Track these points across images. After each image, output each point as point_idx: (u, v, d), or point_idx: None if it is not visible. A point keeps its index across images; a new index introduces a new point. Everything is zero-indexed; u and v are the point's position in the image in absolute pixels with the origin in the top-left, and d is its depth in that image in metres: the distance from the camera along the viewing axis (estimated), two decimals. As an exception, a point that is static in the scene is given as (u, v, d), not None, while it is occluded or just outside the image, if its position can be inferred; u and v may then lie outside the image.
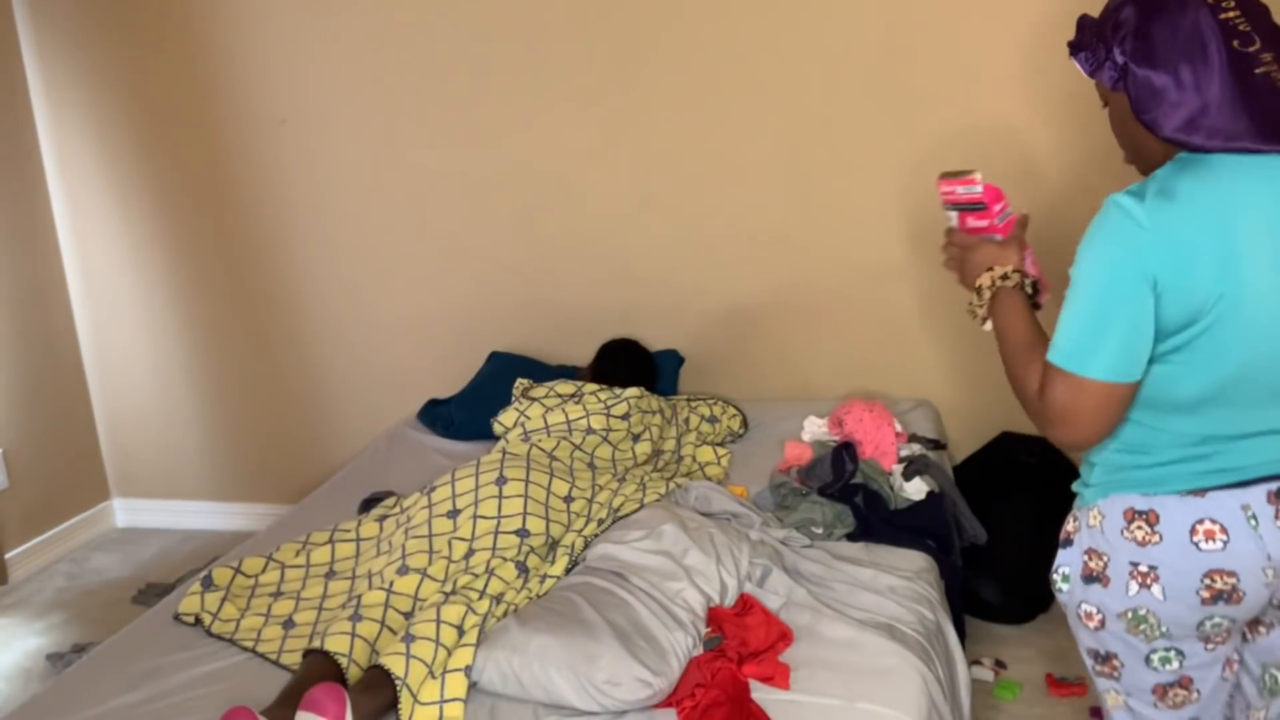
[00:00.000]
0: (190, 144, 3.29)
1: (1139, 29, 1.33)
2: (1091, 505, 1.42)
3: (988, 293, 1.49)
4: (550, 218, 3.09)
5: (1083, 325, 1.31)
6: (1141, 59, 1.33)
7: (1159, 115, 1.32)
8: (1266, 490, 1.33)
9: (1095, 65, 1.39)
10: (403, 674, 1.62)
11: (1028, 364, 1.39)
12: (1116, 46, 1.35)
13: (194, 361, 3.50)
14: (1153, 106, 1.32)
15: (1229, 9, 1.32)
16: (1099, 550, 1.40)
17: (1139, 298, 1.28)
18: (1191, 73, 1.30)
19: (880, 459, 2.40)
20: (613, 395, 2.57)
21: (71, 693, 1.78)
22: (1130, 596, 1.37)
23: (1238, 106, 1.28)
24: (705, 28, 2.84)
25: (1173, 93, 1.31)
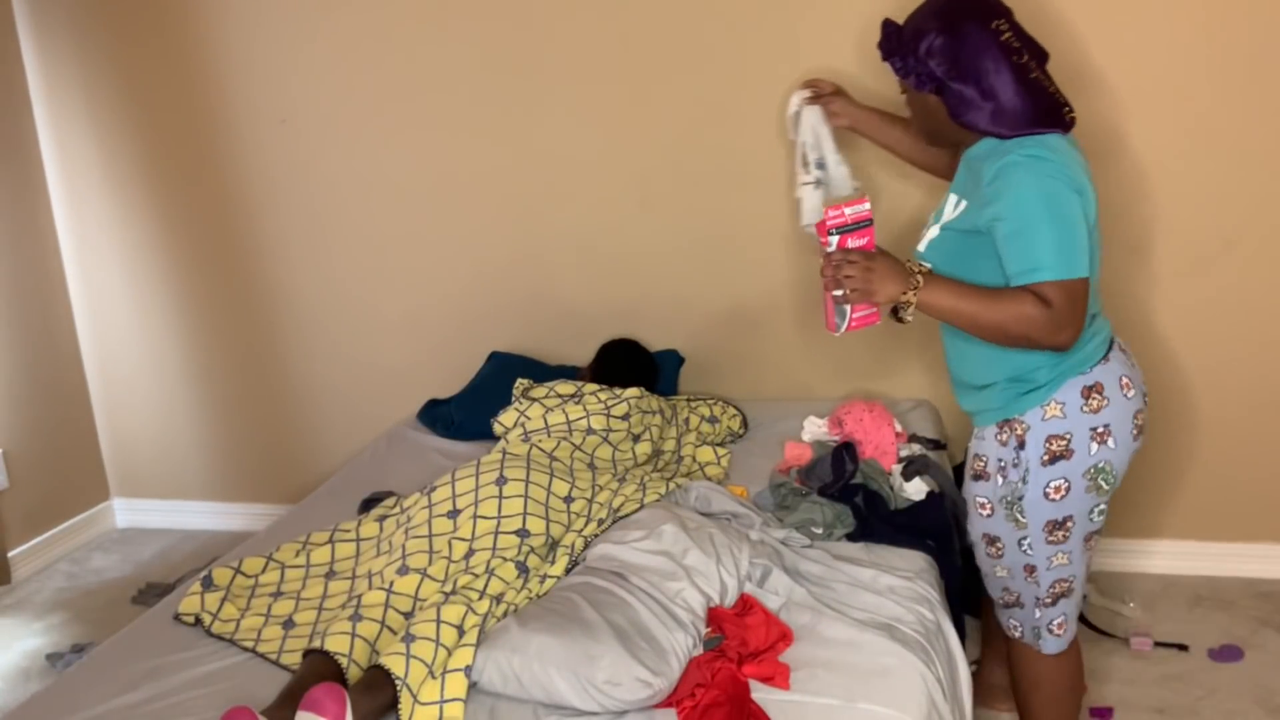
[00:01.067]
0: (190, 143, 3.29)
1: (949, 53, 1.74)
2: (1046, 401, 1.77)
3: (912, 293, 1.73)
4: (550, 217, 3.09)
5: (1057, 240, 1.66)
6: (955, 77, 1.75)
7: (972, 116, 1.76)
8: (1115, 341, 1.87)
9: (906, 72, 1.80)
10: (403, 674, 1.62)
11: (1004, 305, 1.69)
12: (932, 64, 1.75)
13: (194, 361, 3.50)
14: (965, 111, 1.77)
15: (1004, 30, 1.76)
16: (1059, 433, 1.77)
17: (1077, 207, 1.69)
18: (990, 83, 1.74)
19: (880, 459, 2.40)
20: (613, 395, 2.57)
21: (71, 693, 1.77)
22: (1092, 455, 1.78)
23: (1025, 103, 1.73)
24: (706, 27, 2.84)
25: (979, 100, 1.75)
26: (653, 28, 2.87)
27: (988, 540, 1.93)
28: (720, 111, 2.88)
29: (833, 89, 2.34)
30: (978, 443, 1.90)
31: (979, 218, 1.74)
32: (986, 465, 1.87)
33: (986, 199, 1.72)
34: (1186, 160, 2.65)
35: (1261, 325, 2.71)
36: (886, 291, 1.71)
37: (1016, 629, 2.00)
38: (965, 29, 1.73)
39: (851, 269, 1.71)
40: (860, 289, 1.71)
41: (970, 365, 1.89)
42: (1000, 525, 1.88)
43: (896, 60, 1.82)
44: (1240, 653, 2.53)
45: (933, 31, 1.74)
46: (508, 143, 3.05)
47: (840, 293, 1.72)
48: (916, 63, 1.77)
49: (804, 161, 2.35)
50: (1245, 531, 2.87)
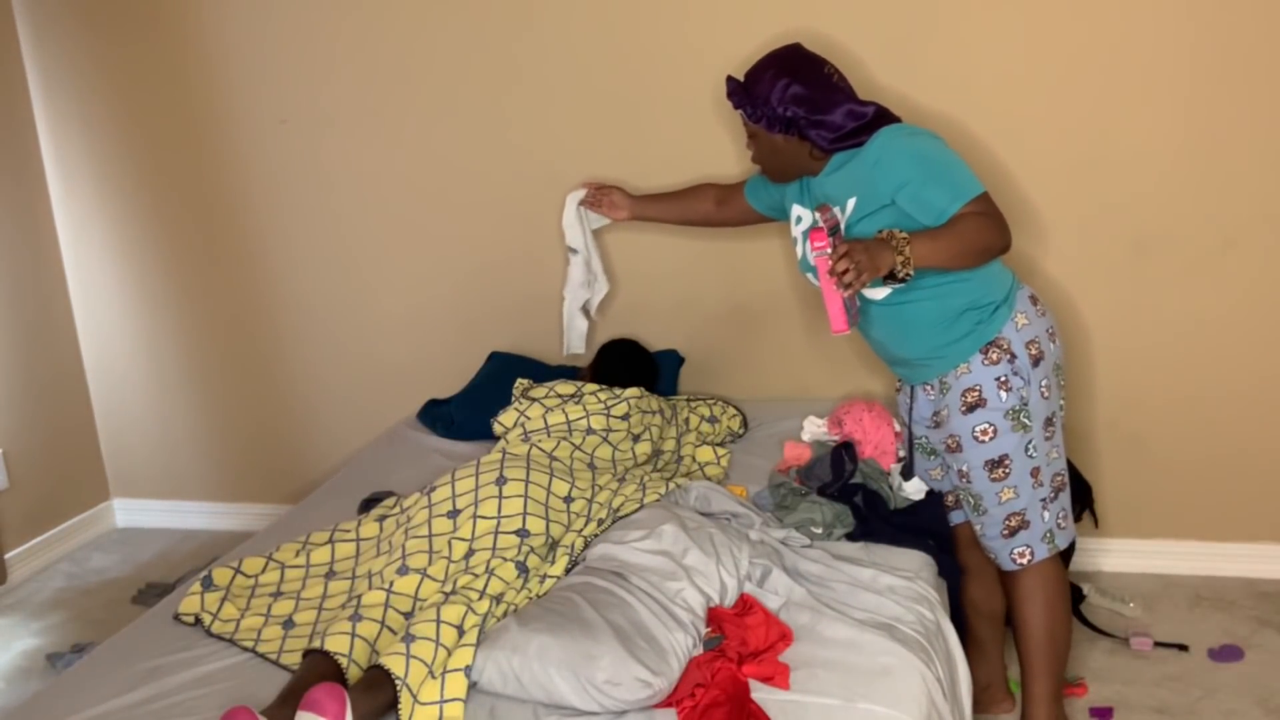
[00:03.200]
0: (190, 143, 3.29)
1: (806, 98, 2.00)
2: (1011, 314, 2.01)
3: (907, 246, 1.84)
4: (551, 217, 3.08)
5: (960, 167, 1.97)
6: (813, 115, 2.01)
7: (826, 141, 2.03)
8: None
9: (760, 118, 2.04)
10: (403, 674, 1.62)
11: (966, 228, 1.89)
12: (790, 109, 2.00)
13: (194, 361, 3.50)
14: (824, 140, 2.02)
15: (830, 68, 2.07)
16: (1031, 338, 2.01)
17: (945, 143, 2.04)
18: (837, 114, 2.01)
19: (880, 459, 2.40)
20: (613, 395, 2.56)
21: (71, 693, 1.77)
22: (1052, 352, 2.05)
23: (867, 115, 2.02)
24: (705, 27, 2.84)
25: (830, 128, 2.01)
26: (652, 28, 2.87)
27: (991, 465, 2.03)
28: (720, 111, 2.88)
29: (609, 187, 2.75)
30: (963, 378, 2.01)
31: (879, 197, 1.97)
32: (982, 390, 1.99)
33: (880, 178, 1.97)
34: (1187, 159, 2.65)
35: (1261, 325, 2.71)
36: (884, 259, 1.81)
37: (1025, 554, 2.08)
38: (809, 76, 2.02)
39: (857, 257, 1.78)
40: (868, 269, 1.78)
41: (927, 317, 2.02)
42: (1007, 440, 2.01)
43: (749, 109, 2.05)
44: (1240, 653, 2.53)
45: (784, 81, 1.99)
46: (508, 142, 3.05)
47: (850, 284, 1.78)
48: (770, 109, 2.01)
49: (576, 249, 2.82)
50: (1245, 531, 2.87)
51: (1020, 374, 1.99)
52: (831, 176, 2.08)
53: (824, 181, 2.10)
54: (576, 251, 2.81)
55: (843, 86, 2.06)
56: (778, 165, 2.14)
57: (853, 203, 2.01)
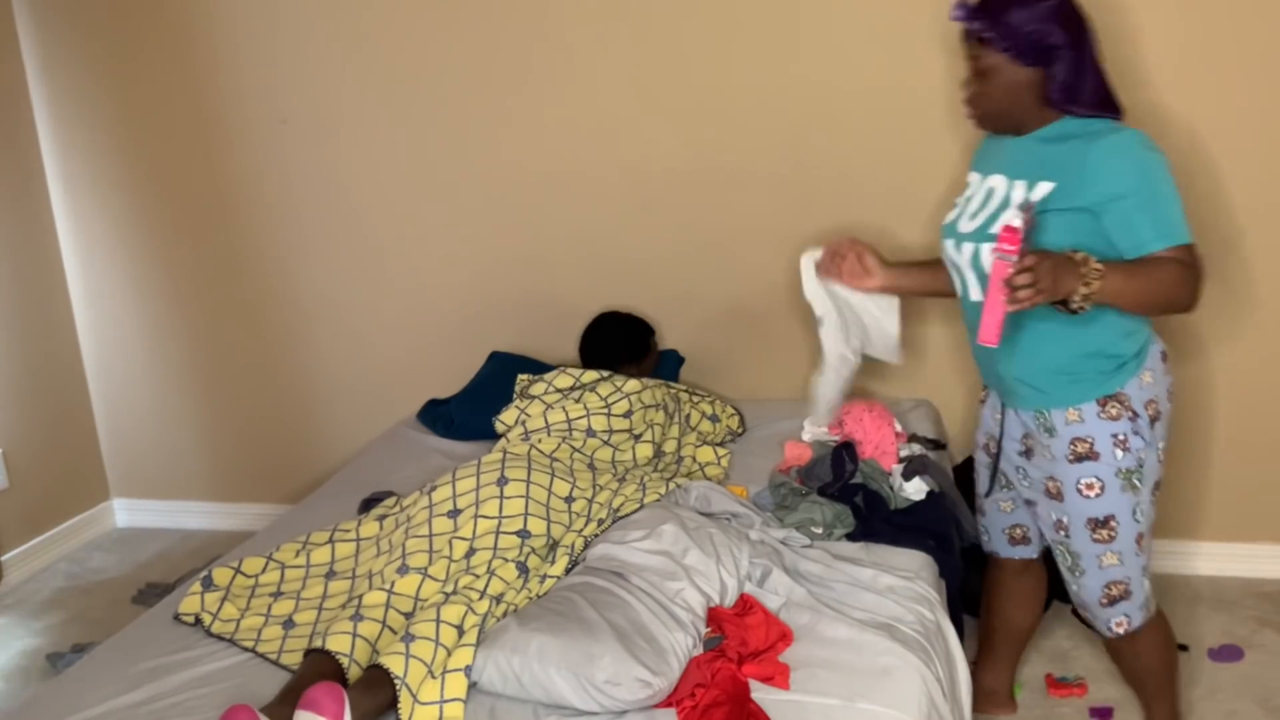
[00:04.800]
0: (190, 143, 3.29)
1: (1068, 21, 1.75)
2: (1139, 371, 1.84)
3: (1097, 281, 1.64)
4: (550, 217, 3.09)
5: (1179, 207, 1.74)
6: (1070, 45, 1.75)
7: (1075, 90, 1.77)
8: None
9: (1009, 41, 1.74)
10: (402, 673, 1.62)
11: (1162, 274, 1.70)
12: (1055, 33, 1.73)
13: (194, 361, 3.50)
14: (1072, 83, 1.77)
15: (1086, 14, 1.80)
16: (1153, 397, 1.86)
17: None
18: (1089, 58, 1.79)
19: (880, 459, 2.40)
20: (614, 390, 2.55)
21: (71, 693, 1.77)
22: (1168, 411, 1.89)
23: (1103, 82, 1.81)
24: (706, 27, 2.84)
25: (1081, 73, 1.77)
26: (653, 28, 2.87)
27: (1095, 524, 1.88)
28: (721, 112, 2.88)
29: (857, 246, 2.17)
30: (1073, 425, 1.84)
31: (1082, 197, 1.73)
32: (1094, 444, 1.84)
33: (1096, 178, 1.72)
34: (1187, 158, 2.65)
35: (1263, 326, 2.71)
36: (1067, 285, 1.62)
37: (1124, 624, 1.96)
38: (1075, 9, 1.77)
39: (1041, 276, 1.58)
40: (1046, 291, 1.60)
41: (1051, 347, 1.83)
42: (1115, 500, 1.86)
43: (998, 31, 1.74)
44: (1240, 653, 2.53)
45: (1052, 1, 1.73)
46: (508, 143, 3.05)
47: (1021, 301, 1.59)
48: (1028, 31, 1.72)
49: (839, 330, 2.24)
50: (1245, 531, 2.87)
51: (1141, 434, 1.84)
52: (1041, 146, 1.82)
53: (1028, 148, 1.83)
54: (823, 320, 2.24)
55: (1090, 31, 1.80)
56: (1002, 108, 1.83)
57: (1047, 189, 1.77)
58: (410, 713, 1.59)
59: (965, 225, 1.89)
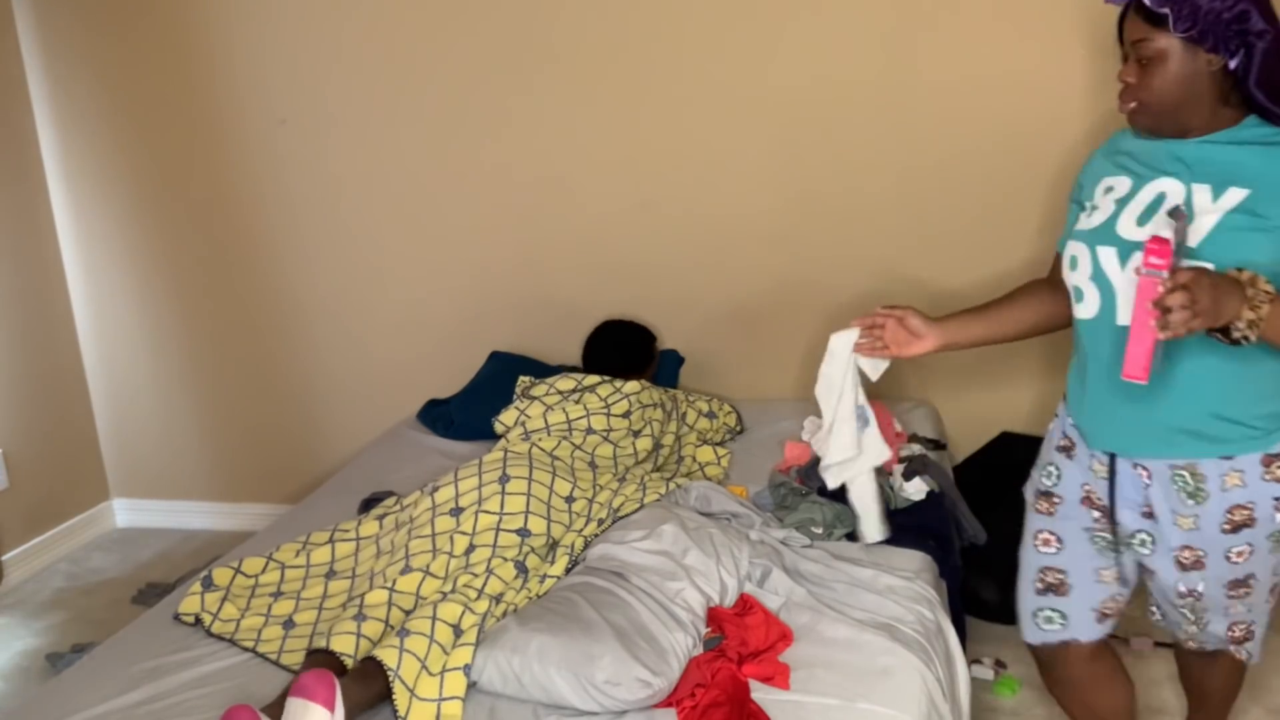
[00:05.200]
0: (190, 143, 3.29)
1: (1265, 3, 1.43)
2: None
3: (1266, 305, 1.35)
4: (550, 217, 3.09)
5: None
6: (1273, 27, 1.43)
7: (1265, 84, 1.46)
8: None
9: (1189, 19, 1.42)
10: (395, 665, 1.62)
11: None
12: (1247, 8, 1.42)
13: (194, 362, 3.50)
14: (1264, 77, 1.45)
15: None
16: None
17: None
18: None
19: (880, 459, 2.40)
20: (614, 391, 2.56)
21: (71, 693, 1.77)
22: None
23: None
24: (706, 26, 2.84)
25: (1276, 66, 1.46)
26: (653, 28, 2.87)
27: (1234, 585, 1.61)
28: (721, 111, 2.88)
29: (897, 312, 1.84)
30: (1232, 491, 1.53)
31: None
32: (1255, 510, 1.53)
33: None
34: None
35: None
36: (1230, 309, 1.33)
37: (1249, 656, 1.76)
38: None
39: (1200, 296, 1.29)
40: (1204, 315, 1.30)
41: (1212, 383, 1.51)
42: (1261, 561, 1.58)
43: (1175, 6, 1.42)
44: (1240, 653, 2.53)
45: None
46: (508, 143, 3.05)
47: (1172, 327, 1.30)
48: (1216, 7, 1.41)
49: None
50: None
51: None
52: (1221, 150, 1.49)
53: (1203, 151, 1.51)
54: (832, 424, 1.97)
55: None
56: (1171, 103, 1.49)
57: (1237, 197, 1.45)
58: (408, 708, 1.59)
59: (1129, 230, 1.51)
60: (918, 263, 2.82)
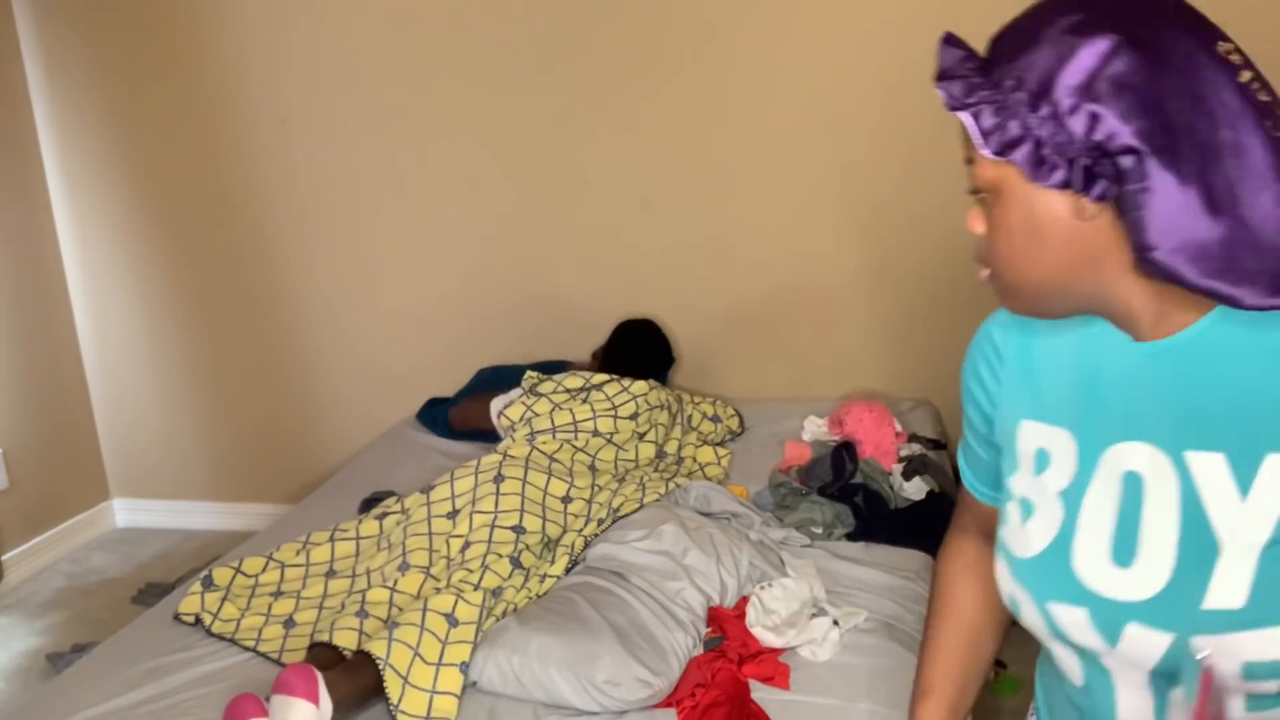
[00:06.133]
0: (190, 143, 3.29)
1: (1148, 91, 0.76)
2: None
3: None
4: (551, 217, 3.09)
5: None
6: (1159, 151, 0.77)
7: (1184, 246, 0.78)
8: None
9: (1011, 137, 0.80)
10: (384, 655, 1.62)
11: None
12: (1109, 114, 0.77)
13: (194, 361, 3.50)
14: (1165, 234, 0.78)
15: (1237, 61, 0.78)
16: None
17: None
18: (1228, 175, 0.77)
19: (880, 459, 2.40)
20: (621, 391, 2.55)
21: (71, 693, 1.77)
22: None
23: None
24: (706, 27, 2.84)
25: (1202, 212, 0.77)
26: (652, 28, 2.87)
27: None
28: (720, 111, 2.88)
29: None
30: None
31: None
32: None
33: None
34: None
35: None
36: None
37: None
38: (1171, 42, 0.77)
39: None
40: None
41: None
42: None
43: (988, 109, 0.82)
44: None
45: (1105, 43, 0.77)
46: (509, 143, 3.05)
47: None
48: (1048, 115, 0.79)
49: None
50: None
51: None
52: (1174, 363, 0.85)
53: (1194, 361, 0.85)
54: None
55: (1264, 111, 0.78)
56: (1029, 280, 0.86)
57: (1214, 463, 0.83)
58: (400, 695, 1.59)
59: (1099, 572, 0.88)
60: (918, 262, 2.81)
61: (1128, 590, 0.86)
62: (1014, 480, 0.98)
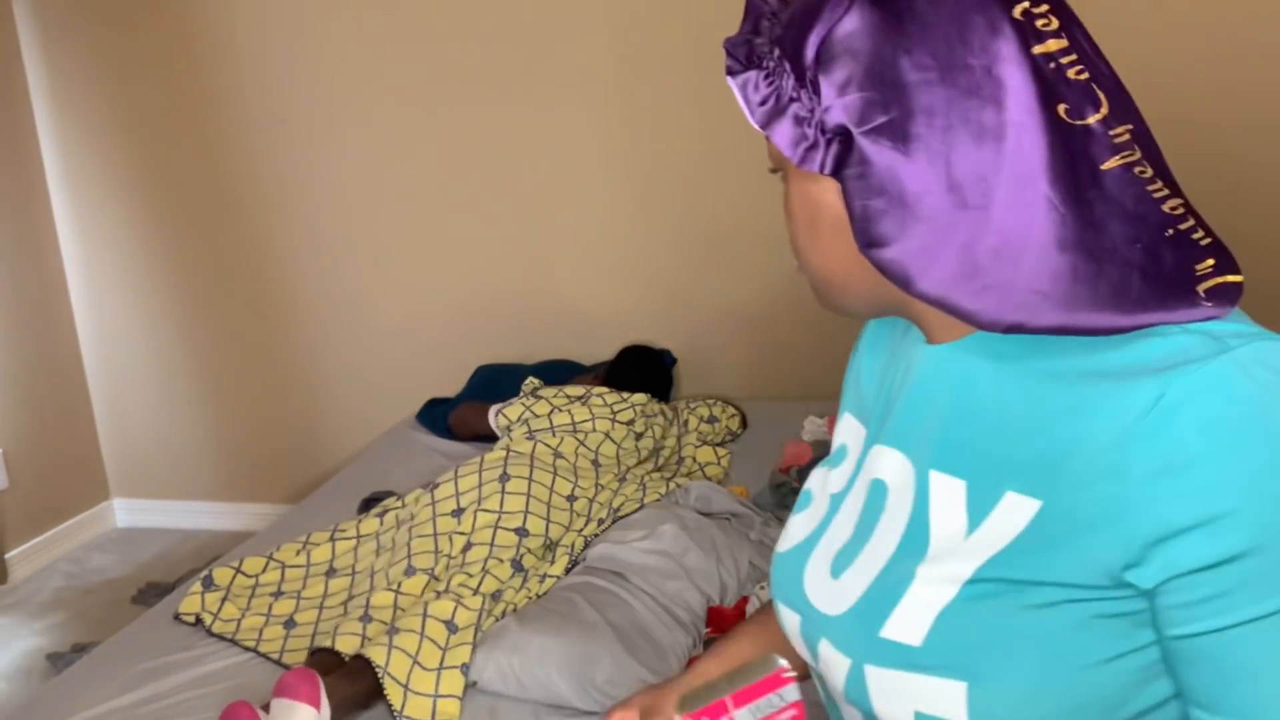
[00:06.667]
0: (190, 143, 3.29)
1: (877, 61, 0.65)
2: None
3: None
4: (550, 218, 3.09)
5: None
6: (884, 129, 0.65)
7: (907, 252, 0.66)
8: None
9: (774, 111, 0.73)
10: (383, 662, 1.62)
11: None
12: (826, 87, 0.67)
13: (194, 361, 3.50)
14: (894, 230, 0.66)
15: (1042, 16, 0.65)
16: None
17: None
18: (978, 162, 0.64)
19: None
20: (620, 400, 2.57)
21: (71, 693, 1.77)
22: None
23: (1073, 241, 0.64)
24: (704, 27, 2.84)
25: (941, 206, 0.65)
26: (651, 28, 2.87)
27: None
28: (720, 111, 2.88)
29: None
30: None
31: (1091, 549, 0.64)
32: None
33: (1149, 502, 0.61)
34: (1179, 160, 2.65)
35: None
36: None
37: None
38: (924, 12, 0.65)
39: None
40: None
41: None
42: None
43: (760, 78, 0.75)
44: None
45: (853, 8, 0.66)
46: (509, 143, 3.05)
47: None
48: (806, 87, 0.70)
49: None
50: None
51: None
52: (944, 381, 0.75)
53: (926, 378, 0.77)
54: None
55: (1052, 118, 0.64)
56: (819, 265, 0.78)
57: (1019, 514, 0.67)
58: (403, 702, 1.59)
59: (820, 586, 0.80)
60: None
61: (827, 602, 0.78)
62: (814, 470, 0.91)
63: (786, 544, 0.87)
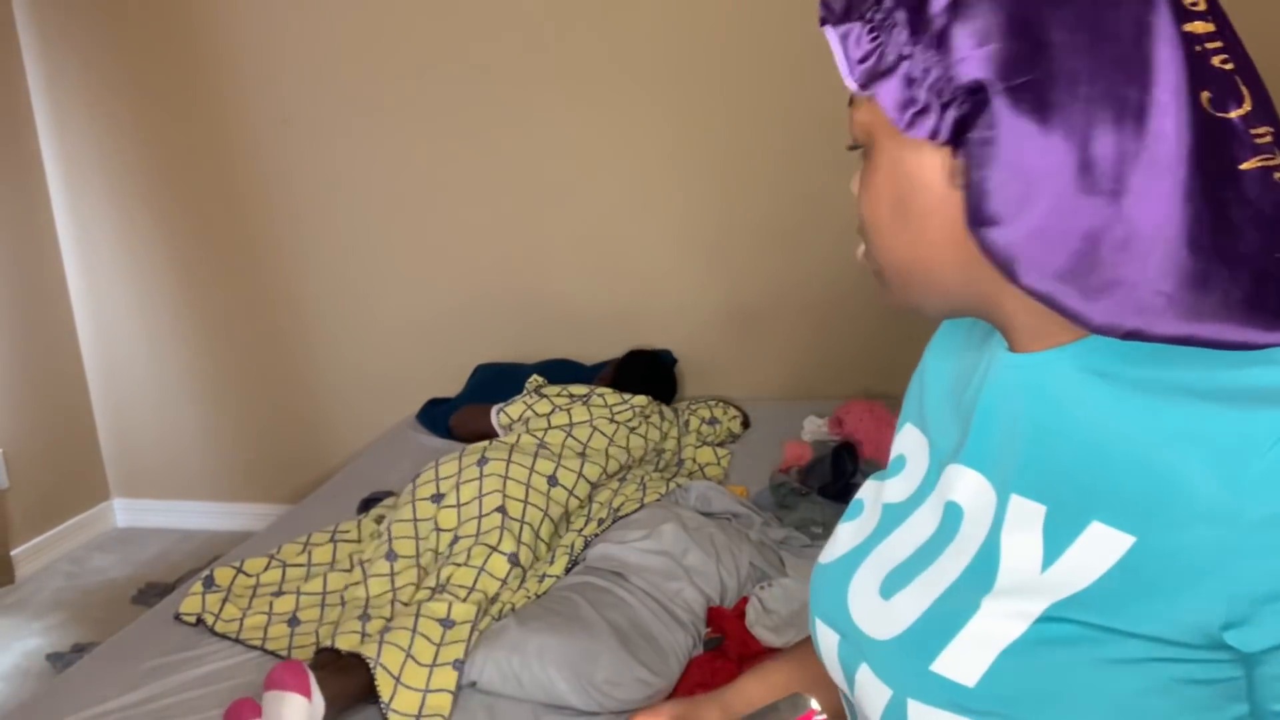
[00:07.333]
0: (190, 143, 3.29)
1: (1021, 12, 0.57)
2: None
3: None
4: (550, 218, 3.09)
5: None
6: (1026, 90, 0.57)
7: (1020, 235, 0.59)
8: None
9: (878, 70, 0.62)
10: (375, 655, 1.63)
11: None
12: (962, 35, 0.58)
13: (194, 361, 3.50)
14: (1009, 207, 0.59)
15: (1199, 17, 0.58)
16: None
17: None
18: (1116, 143, 0.56)
19: (881, 459, 2.40)
20: (621, 401, 2.57)
21: (71, 693, 1.77)
22: None
23: (1205, 242, 0.56)
24: (704, 27, 2.84)
25: (1068, 187, 0.57)
26: (651, 29, 2.87)
27: None
28: (720, 111, 2.88)
29: None
30: None
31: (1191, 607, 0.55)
32: None
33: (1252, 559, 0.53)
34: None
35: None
36: None
37: None
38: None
39: None
40: None
41: None
42: None
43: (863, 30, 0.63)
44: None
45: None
46: (509, 143, 3.05)
47: None
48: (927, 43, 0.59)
49: None
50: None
51: None
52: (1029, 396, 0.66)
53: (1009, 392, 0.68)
54: None
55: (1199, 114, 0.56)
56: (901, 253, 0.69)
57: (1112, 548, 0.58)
58: (392, 693, 1.59)
59: (867, 607, 0.73)
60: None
61: (874, 625, 0.70)
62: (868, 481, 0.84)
63: (830, 555, 0.80)
